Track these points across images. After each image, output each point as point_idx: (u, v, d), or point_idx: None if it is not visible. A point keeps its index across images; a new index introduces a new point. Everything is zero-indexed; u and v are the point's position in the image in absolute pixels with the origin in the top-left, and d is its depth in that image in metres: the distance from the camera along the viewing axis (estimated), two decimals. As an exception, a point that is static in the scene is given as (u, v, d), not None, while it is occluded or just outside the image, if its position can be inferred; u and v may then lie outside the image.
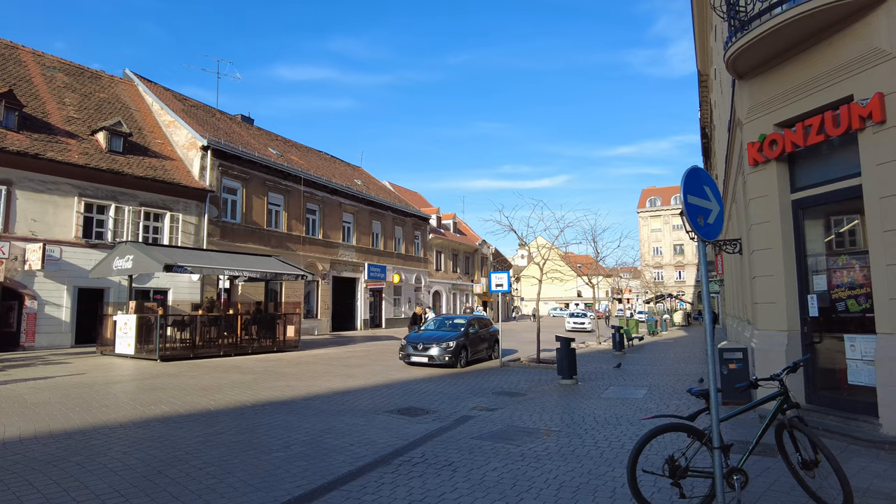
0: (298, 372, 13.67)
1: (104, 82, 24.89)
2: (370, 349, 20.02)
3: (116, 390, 10.85)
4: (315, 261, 28.03)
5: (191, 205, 21.68)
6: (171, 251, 16.98)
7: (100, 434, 7.11)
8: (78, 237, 18.28)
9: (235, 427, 7.60)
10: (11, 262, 16.56)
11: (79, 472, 5.45)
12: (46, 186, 17.74)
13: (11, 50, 22.12)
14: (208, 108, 29.64)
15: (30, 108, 18.95)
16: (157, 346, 14.81)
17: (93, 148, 19.70)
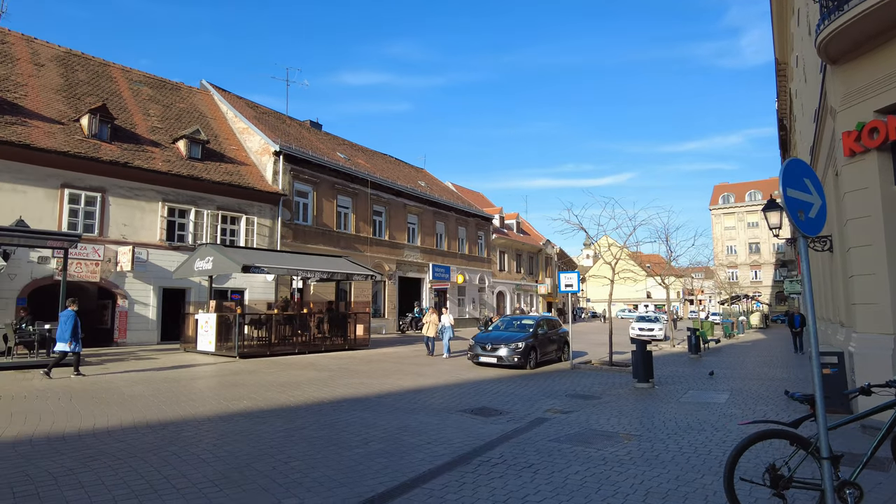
0: (370, 370, 13.92)
1: (183, 93, 26.28)
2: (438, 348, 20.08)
3: (201, 385, 11.39)
4: (381, 261, 28.50)
5: (265, 208, 22.55)
6: (248, 252, 17.71)
7: (190, 426, 7.47)
8: (162, 240, 19.38)
9: (315, 423, 7.80)
10: (105, 263, 17.74)
11: (175, 462, 5.74)
12: (134, 193, 18.90)
13: (104, 67, 23.72)
14: (279, 115, 30.74)
15: (120, 121, 20.24)
16: (236, 343, 15.46)
17: (174, 155, 20.83)
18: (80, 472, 5.25)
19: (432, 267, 32.56)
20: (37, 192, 16.78)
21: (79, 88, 21.03)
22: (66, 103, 19.67)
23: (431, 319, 17.73)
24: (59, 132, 17.95)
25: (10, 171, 16.25)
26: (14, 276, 16.00)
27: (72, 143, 17.79)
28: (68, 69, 21.84)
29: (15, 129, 16.72)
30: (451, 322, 18.05)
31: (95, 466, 5.42)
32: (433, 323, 17.61)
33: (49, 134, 17.55)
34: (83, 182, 17.71)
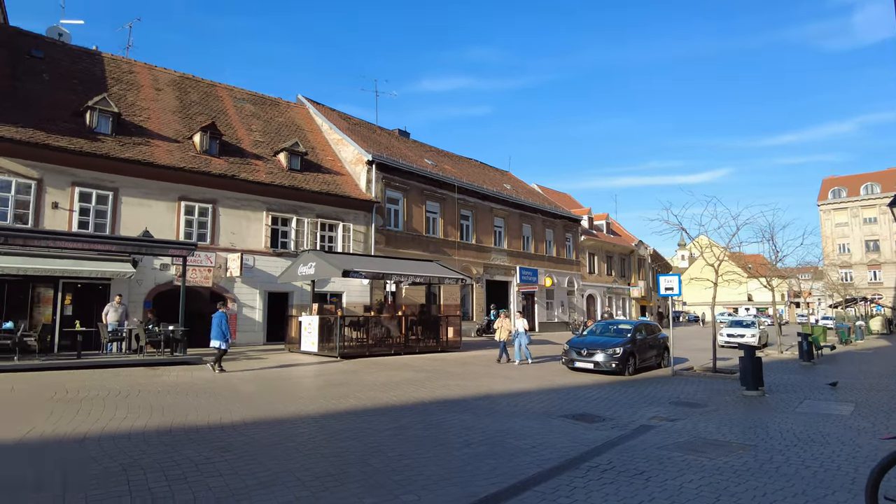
0: (464, 372, 14.11)
1: (282, 108, 27.86)
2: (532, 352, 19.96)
3: (308, 384, 12.04)
4: (469, 265, 28.76)
5: (359, 215, 23.45)
6: (346, 258, 18.50)
7: (304, 423, 7.94)
8: (267, 247, 20.65)
9: (419, 423, 8.04)
10: (217, 269, 19.16)
11: (296, 455, 6.14)
12: (241, 203, 20.28)
13: (211, 88, 25.66)
14: (369, 125, 31.86)
15: (227, 136, 21.80)
16: (337, 344, 16.18)
17: (276, 167, 22.15)
18: (216, 461, 5.75)
19: (519, 270, 32.42)
20: (159, 205, 18.43)
21: (191, 108, 22.87)
22: (181, 123, 21.46)
23: (503, 324, 17.05)
24: (176, 149, 19.62)
25: (137, 187, 17.98)
26: (140, 281, 17.65)
27: (187, 159, 19.39)
28: (182, 91, 23.82)
29: (141, 149, 18.47)
30: (525, 327, 17.01)
31: (228, 457, 5.91)
32: (504, 328, 16.95)
33: (168, 151, 19.23)
34: (197, 194, 19.25)
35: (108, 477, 5.10)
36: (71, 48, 22.40)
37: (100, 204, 17.29)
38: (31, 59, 20.02)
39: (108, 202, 17.44)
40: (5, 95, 17.39)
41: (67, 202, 16.76)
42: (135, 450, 6.06)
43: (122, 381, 10.88)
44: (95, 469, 5.33)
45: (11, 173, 15.94)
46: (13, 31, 21.13)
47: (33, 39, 21.38)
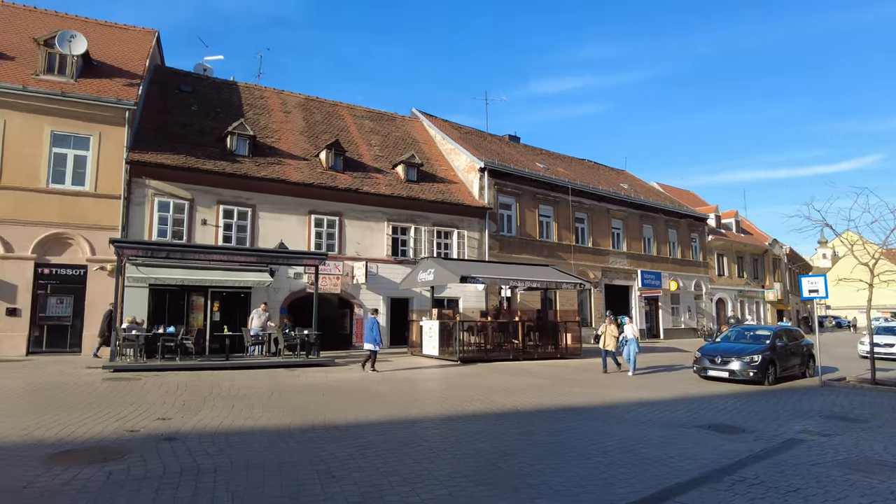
0: (586, 379, 13.77)
1: (398, 122, 29.00)
2: (653, 360, 19.09)
3: (433, 386, 12.37)
4: (586, 269, 28.05)
5: (473, 221, 23.79)
6: (463, 264, 18.83)
7: (434, 424, 8.17)
8: (388, 255, 21.56)
9: (548, 428, 7.97)
10: (344, 277, 20.31)
11: (431, 455, 6.33)
12: (364, 215, 21.37)
13: (333, 107, 27.33)
14: (480, 133, 32.23)
15: (349, 153, 23.09)
16: (457, 348, 16.50)
17: (394, 179, 23.08)
18: (357, 458, 6.08)
19: (641, 273, 31.06)
20: (291, 219, 19.92)
21: (316, 128, 24.50)
22: (308, 142, 23.05)
23: (608, 330, 15.44)
24: (305, 167, 21.11)
25: (271, 203, 19.58)
26: (277, 289, 19.15)
27: (315, 175, 20.79)
28: (307, 112, 25.60)
29: (274, 168, 20.10)
30: (635, 333, 15.59)
31: (368, 455, 6.23)
32: (610, 335, 15.42)
33: (298, 169, 20.74)
34: (325, 208, 20.57)
35: (265, 467, 5.58)
36: (213, 81, 24.93)
37: (240, 219, 19.03)
38: (180, 93, 22.54)
39: (248, 217, 19.15)
40: (161, 128, 19.72)
41: (214, 219, 18.62)
42: (285, 444, 6.58)
43: (266, 381, 11.85)
44: (255, 459, 5.85)
45: (169, 195, 18.02)
46: (168, 71, 23.94)
47: (183, 76, 24.07)
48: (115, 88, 18.25)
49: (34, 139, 16.80)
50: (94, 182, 17.25)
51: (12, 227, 16.28)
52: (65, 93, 17.19)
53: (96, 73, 18.89)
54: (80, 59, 18.27)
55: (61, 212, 16.80)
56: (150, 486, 4.93)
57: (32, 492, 4.71)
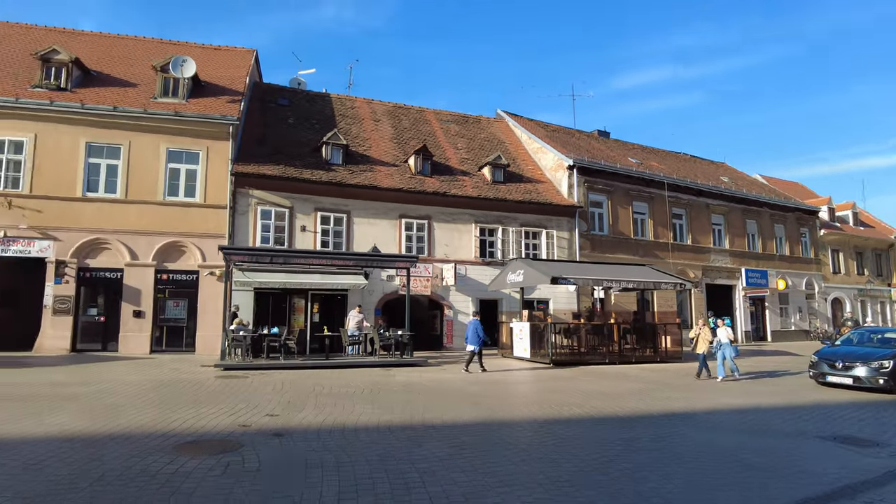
0: (688, 384, 13.08)
1: (483, 124, 29.05)
2: (759, 365, 17.83)
3: (526, 389, 12.24)
4: (685, 268, 26.68)
5: (562, 221, 23.34)
6: (553, 265, 18.51)
7: (530, 426, 8.06)
8: (476, 257, 21.62)
9: (650, 435, 7.63)
10: (434, 279, 20.59)
11: (528, 458, 6.24)
12: (452, 217, 21.57)
13: (420, 113, 27.84)
14: (567, 130, 31.59)
15: (437, 157, 23.41)
16: (549, 351, 16.22)
17: (481, 181, 23.12)
18: (456, 457, 6.11)
19: (745, 272, 29.10)
20: (382, 224, 20.49)
21: (405, 134, 25.05)
22: (398, 148, 23.61)
23: (701, 333, 14.40)
24: (395, 173, 21.63)
25: (365, 209, 20.24)
26: (371, 291, 19.75)
27: (404, 180, 21.26)
28: (396, 119, 26.23)
29: (367, 175, 20.77)
30: (730, 337, 14.23)
31: (466, 455, 6.24)
32: (703, 338, 14.28)
33: (388, 175, 21.30)
34: (414, 212, 20.98)
35: (369, 464, 5.73)
36: (308, 93, 26.17)
37: (336, 225, 19.82)
38: (278, 107, 23.84)
39: (343, 223, 19.91)
40: (261, 141, 20.94)
41: (312, 225, 19.51)
42: (386, 442, 6.73)
43: (364, 380, 12.23)
44: (358, 456, 6.03)
45: (271, 203, 19.10)
46: (266, 87, 25.40)
47: (279, 91, 25.45)
48: (220, 106, 19.62)
49: (153, 157, 18.41)
50: (204, 194, 18.62)
51: (136, 237, 17.92)
52: (178, 113, 18.71)
53: (204, 93, 20.40)
54: (190, 81, 19.81)
55: (176, 222, 18.28)
56: (264, 478, 5.20)
57: (163, 477, 5.11)
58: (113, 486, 4.84)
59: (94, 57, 21.21)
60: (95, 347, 17.50)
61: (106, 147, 18.27)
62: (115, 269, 17.83)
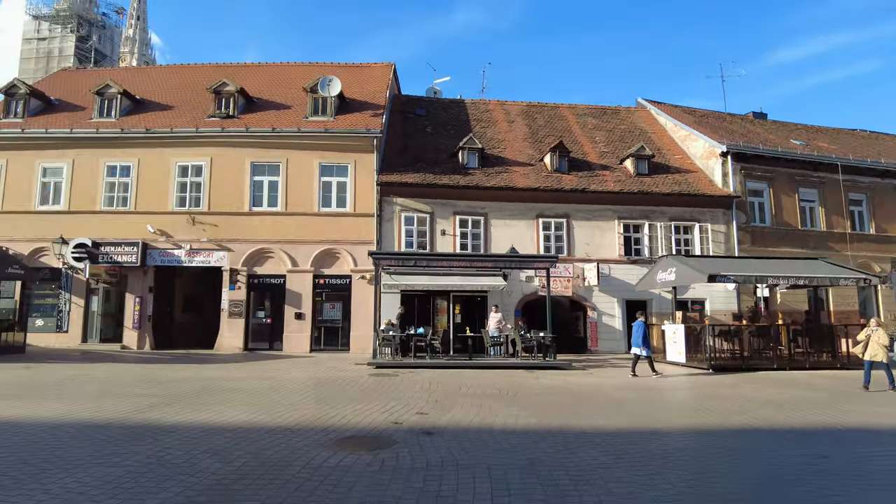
0: (874, 394, 11.25)
1: (622, 115, 27.71)
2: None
3: (682, 396, 11.36)
4: (868, 260, 23.18)
5: (717, 213, 21.45)
6: (708, 261, 17.06)
7: (690, 436, 7.42)
8: (620, 255, 20.61)
9: (840, 452, 6.65)
10: (575, 279, 19.99)
11: (693, 472, 5.70)
12: (593, 214, 20.79)
13: (554, 110, 27.28)
14: (718, 114, 29.05)
15: (574, 153, 22.74)
16: (708, 355, 14.93)
17: (623, 175, 22.02)
18: (611, 466, 5.77)
19: (949, 263, 24.57)
20: (519, 224, 20.33)
21: (539, 132, 24.68)
22: (533, 147, 23.32)
23: (875, 337, 11.82)
24: (531, 172, 21.37)
25: (501, 210, 20.24)
26: (511, 292, 19.67)
27: (540, 179, 20.92)
28: (530, 119, 25.95)
29: (502, 177, 20.77)
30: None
31: (621, 464, 5.86)
32: (878, 343, 11.73)
33: (524, 175, 21.10)
34: (552, 211, 20.55)
35: (519, 468, 5.60)
36: (443, 101, 26.88)
37: (474, 228, 20.05)
38: (416, 117, 24.72)
39: (481, 225, 20.08)
40: (402, 150, 21.83)
41: (451, 228, 19.92)
42: (535, 446, 6.56)
43: (508, 381, 12.15)
44: (507, 459, 5.92)
45: (413, 210, 19.83)
46: (404, 99, 26.49)
47: (416, 101, 26.40)
48: (364, 120, 20.80)
49: (308, 171, 20.01)
50: (353, 203, 19.85)
51: (296, 246, 19.57)
52: (327, 129, 20.16)
53: (349, 108, 21.78)
54: (336, 99, 21.26)
55: (329, 231, 19.69)
56: (417, 476, 5.29)
57: (326, 470, 5.41)
58: (282, 476, 5.22)
59: (255, 85, 23.59)
60: (263, 346, 19.39)
61: (267, 165, 20.20)
62: (279, 276, 19.63)
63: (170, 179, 20.15)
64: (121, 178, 20.32)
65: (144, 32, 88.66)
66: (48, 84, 25.60)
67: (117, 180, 20.32)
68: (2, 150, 20.77)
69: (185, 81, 24.93)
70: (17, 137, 20.61)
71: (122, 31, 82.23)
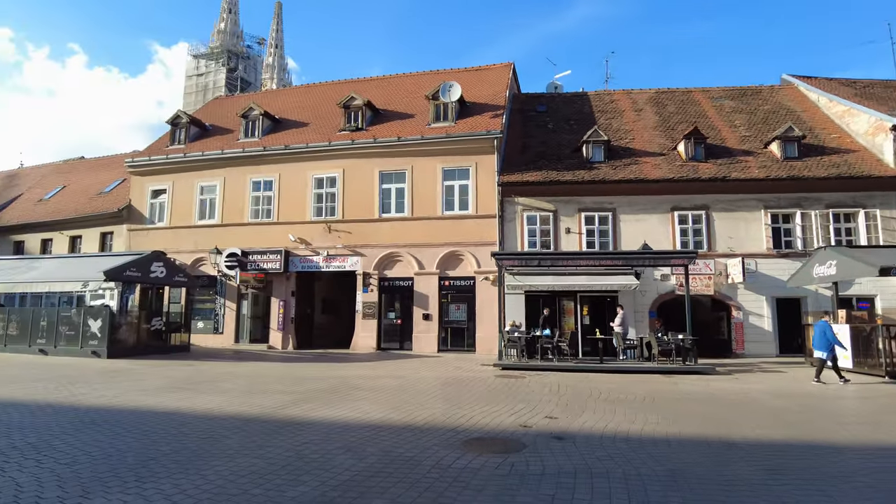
0: None
1: (764, 95, 25.13)
2: None
3: (852, 407, 10.02)
4: None
5: (888, 197, 18.59)
6: (879, 252, 14.81)
7: (870, 456, 6.40)
8: (769, 248, 18.64)
9: None
10: (717, 277, 18.41)
11: (886, 500, 4.89)
12: (735, 205, 19.03)
13: (686, 95, 25.43)
14: (886, 83, 25.30)
15: (710, 139, 20.99)
16: (883, 360, 12.95)
17: (768, 159, 19.92)
18: (772, 484, 5.11)
19: None
20: (651, 219, 19.16)
21: (671, 120, 23.13)
22: (664, 136, 21.90)
23: None
24: (663, 162, 20.06)
25: (631, 205, 19.22)
26: (644, 292, 18.57)
27: (674, 169, 19.56)
28: (659, 106, 24.42)
29: (631, 169, 19.72)
30: None
31: (785, 483, 5.18)
32: None
33: (655, 166, 19.86)
34: (688, 202, 19.12)
35: (659, 479, 5.15)
36: (564, 96, 26.17)
37: (601, 224, 19.23)
38: (537, 114, 24.31)
39: (609, 222, 19.22)
40: (524, 149, 21.55)
41: (576, 226, 19.28)
42: (676, 456, 6.03)
43: (644, 387, 11.41)
44: (647, 468, 5.48)
45: (535, 209, 19.49)
46: (523, 97, 26.19)
47: (537, 98, 25.96)
48: (485, 122, 20.84)
49: (431, 177, 20.47)
50: (475, 205, 19.95)
51: (422, 249, 20.09)
52: (449, 134, 20.47)
53: (469, 112, 21.96)
54: (456, 104, 21.54)
55: (453, 233, 19.95)
56: (548, 483, 5.06)
57: (454, 471, 5.36)
58: (412, 475, 5.24)
59: (381, 97, 24.62)
60: (394, 346, 20.11)
61: (394, 173, 20.96)
62: (407, 278, 20.26)
63: (307, 191, 21.65)
64: (264, 192, 22.20)
65: (282, 59, 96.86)
66: (204, 112, 28.73)
67: (261, 194, 22.24)
68: (169, 173, 23.67)
69: (317, 99, 26.70)
70: (181, 161, 23.35)
71: (263, 59, 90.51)
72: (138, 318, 18.33)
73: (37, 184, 32.72)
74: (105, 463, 5.55)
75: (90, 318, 16.95)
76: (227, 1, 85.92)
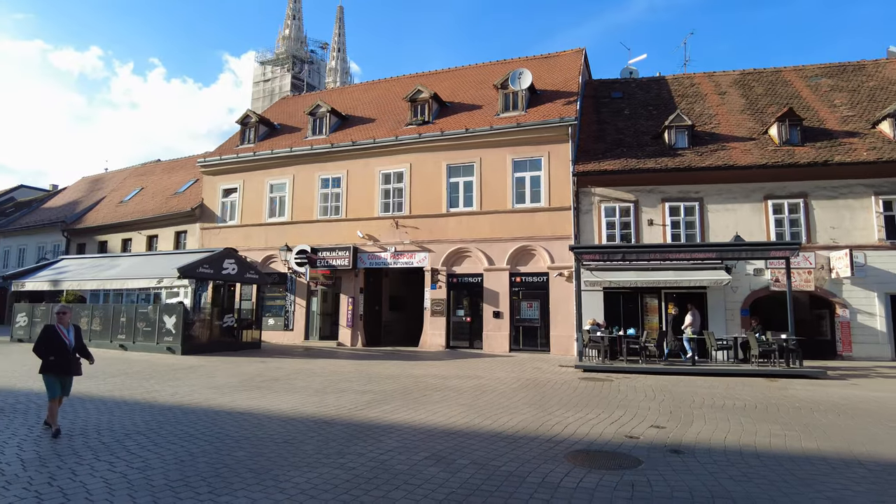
0: None
1: (868, 70, 22.78)
2: None
3: None
4: None
5: None
6: None
7: None
8: (881, 239, 16.70)
9: None
10: (818, 271, 16.68)
11: None
12: (838, 192, 17.19)
13: (776, 75, 23.42)
14: None
15: (807, 121, 19.13)
16: None
17: (879, 140, 17.90)
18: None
19: None
20: (743, 208, 17.59)
21: (759, 102, 21.30)
22: (753, 119, 20.17)
23: None
24: (753, 147, 18.42)
25: (719, 193, 17.72)
26: (736, 288, 17.06)
27: (766, 154, 17.90)
28: (746, 88, 22.58)
29: (718, 155, 18.20)
30: None
31: None
32: None
33: (745, 152, 18.25)
34: (783, 190, 17.44)
35: None
36: (640, 81, 24.68)
37: (687, 215, 17.82)
38: (611, 101, 23.00)
39: (695, 212, 17.78)
40: (599, 137, 20.36)
41: (659, 217, 17.96)
42: (828, 479, 5.02)
43: (750, 392, 10.23)
44: (791, 490, 4.54)
45: (614, 200, 18.32)
46: (596, 84, 24.91)
47: (610, 84, 24.62)
48: (557, 110, 19.81)
49: (501, 169, 19.65)
50: (548, 197, 18.95)
51: (491, 245, 19.32)
52: (519, 123, 19.57)
53: (540, 100, 20.97)
54: (526, 92, 20.60)
55: (524, 227, 19.05)
56: (683, 510, 4.22)
57: (566, 492, 4.61)
58: (518, 494, 4.53)
59: (447, 89, 24.02)
60: (463, 345, 19.43)
61: (462, 166, 20.28)
62: (476, 275, 19.53)
63: (375, 187, 21.33)
64: (333, 189, 22.06)
65: (344, 62, 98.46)
66: (272, 112, 29.09)
67: (330, 191, 22.10)
68: (240, 171, 23.97)
69: (382, 95, 26.43)
70: (251, 160, 23.59)
71: (326, 63, 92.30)
72: (210, 315, 18.50)
73: (118, 187, 34.29)
74: (177, 469, 5.15)
75: (165, 314, 17.23)
76: (291, 7, 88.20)
